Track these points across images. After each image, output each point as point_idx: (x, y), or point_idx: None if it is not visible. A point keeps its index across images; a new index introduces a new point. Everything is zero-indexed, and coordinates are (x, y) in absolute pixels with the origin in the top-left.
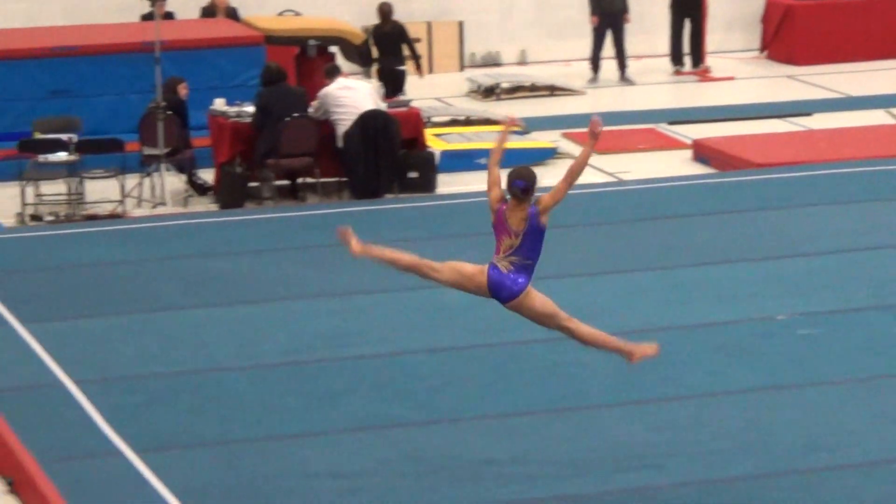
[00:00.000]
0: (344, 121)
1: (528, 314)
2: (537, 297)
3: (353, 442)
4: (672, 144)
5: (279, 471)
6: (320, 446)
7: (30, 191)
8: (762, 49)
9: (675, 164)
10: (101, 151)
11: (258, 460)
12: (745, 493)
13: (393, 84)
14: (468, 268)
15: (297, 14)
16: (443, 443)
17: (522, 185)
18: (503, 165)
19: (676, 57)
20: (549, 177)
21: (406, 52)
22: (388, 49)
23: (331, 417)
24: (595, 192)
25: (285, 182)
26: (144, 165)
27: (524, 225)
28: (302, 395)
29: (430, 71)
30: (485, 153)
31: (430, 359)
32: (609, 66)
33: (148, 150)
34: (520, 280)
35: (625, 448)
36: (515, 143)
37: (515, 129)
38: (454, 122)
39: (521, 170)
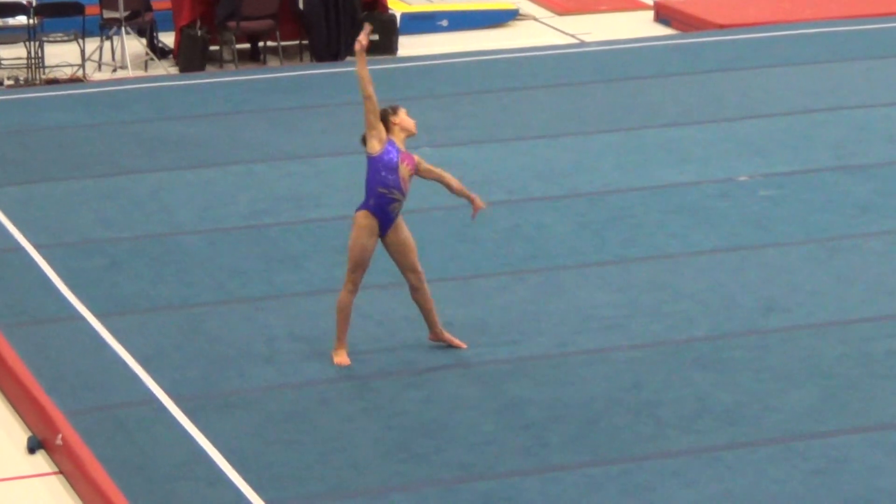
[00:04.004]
0: None
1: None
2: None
3: (314, 305)
4: (634, 5)
5: (240, 334)
6: (281, 309)
7: None
8: None
9: (637, 26)
10: (60, 15)
11: (219, 324)
12: (704, 353)
13: None
14: None
15: None
16: (402, 306)
17: None
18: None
19: None
20: (509, 39)
21: None
22: None
23: (291, 281)
24: (556, 54)
25: (246, 45)
26: (104, 29)
27: None
28: (263, 259)
29: None
30: (446, 15)
31: None
32: None
33: (108, 14)
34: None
35: (585, 309)
36: (477, 4)
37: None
38: None
39: None
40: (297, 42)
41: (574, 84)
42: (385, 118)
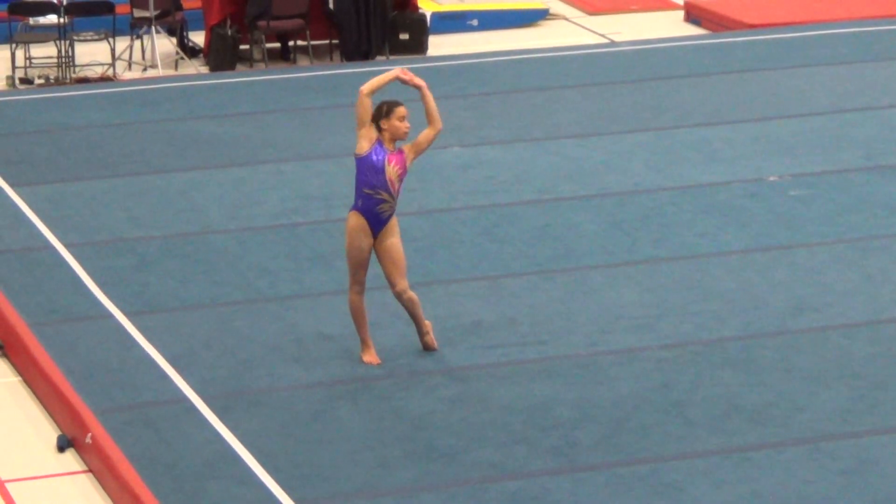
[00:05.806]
0: None
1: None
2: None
3: (343, 304)
4: (664, 5)
5: (269, 333)
6: (310, 308)
7: (20, 54)
8: None
9: (667, 26)
10: (91, 14)
11: (248, 323)
12: (733, 353)
13: None
14: None
15: None
16: (433, 305)
17: None
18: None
19: None
20: (539, 39)
21: None
22: None
23: (321, 280)
24: (586, 54)
25: (276, 44)
26: (135, 28)
27: None
28: (292, 258)
29: None
30: (476, 15)
31: (422, 220)
32: None
33: (138, 13)
34: None
35: (614, 309)
36: (507, 4)
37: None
38: None
39: None
40: (327, 41)
41: (604, 84)
42: (376, 120)
